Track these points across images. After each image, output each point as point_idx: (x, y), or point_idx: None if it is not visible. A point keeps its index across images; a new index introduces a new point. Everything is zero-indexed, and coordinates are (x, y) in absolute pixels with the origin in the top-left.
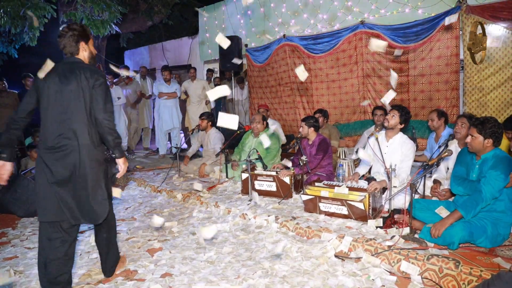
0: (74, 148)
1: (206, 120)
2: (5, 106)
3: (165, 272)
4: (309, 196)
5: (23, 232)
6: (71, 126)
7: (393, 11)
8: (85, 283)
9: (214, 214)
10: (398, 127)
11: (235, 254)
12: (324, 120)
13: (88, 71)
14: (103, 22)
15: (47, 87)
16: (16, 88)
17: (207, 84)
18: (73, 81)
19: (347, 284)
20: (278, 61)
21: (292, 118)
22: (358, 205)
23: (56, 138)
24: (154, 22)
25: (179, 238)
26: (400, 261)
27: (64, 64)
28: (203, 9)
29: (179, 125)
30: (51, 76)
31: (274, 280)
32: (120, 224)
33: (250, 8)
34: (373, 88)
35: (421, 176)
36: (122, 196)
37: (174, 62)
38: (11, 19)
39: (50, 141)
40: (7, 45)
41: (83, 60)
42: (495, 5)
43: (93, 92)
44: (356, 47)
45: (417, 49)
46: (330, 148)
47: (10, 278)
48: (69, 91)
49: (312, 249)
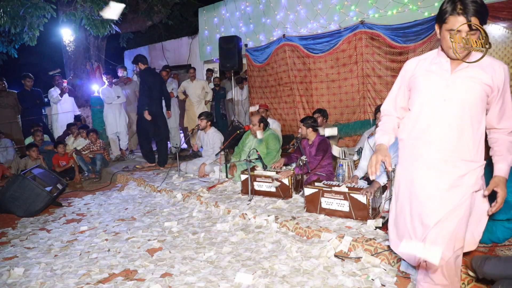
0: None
1: (205, 120)
2: (4, 106)
3: (165, 272)
4: (312, 189)
5: (23, 232)
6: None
7: (393, 11)
8: (85, 283)
9: (214, 214)
10: None
11: (235, 254)
12: (324, 120)
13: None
14: (103, 22)
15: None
16: (16, 88)
17: (206, 84)
18: None
19: (347, 284)
20: (278, 61)
21: (292, 118)
22: (360, 198)
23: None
24: (154, 22)
25: (179, 238)
26: (400, 261)
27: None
28: (203, 9)
29: (176, 125)
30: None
31: (274, 280)
32: (120, 224)
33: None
34: (373, 88)
35: None
36: (122, 196)
37: (174, 62)
38: (11, 19)
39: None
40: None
41: None
42: (495, 5)
43: None
44: (356, 47)
45: (417, 49)
46: (330, 148)
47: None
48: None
49: (312, 249)
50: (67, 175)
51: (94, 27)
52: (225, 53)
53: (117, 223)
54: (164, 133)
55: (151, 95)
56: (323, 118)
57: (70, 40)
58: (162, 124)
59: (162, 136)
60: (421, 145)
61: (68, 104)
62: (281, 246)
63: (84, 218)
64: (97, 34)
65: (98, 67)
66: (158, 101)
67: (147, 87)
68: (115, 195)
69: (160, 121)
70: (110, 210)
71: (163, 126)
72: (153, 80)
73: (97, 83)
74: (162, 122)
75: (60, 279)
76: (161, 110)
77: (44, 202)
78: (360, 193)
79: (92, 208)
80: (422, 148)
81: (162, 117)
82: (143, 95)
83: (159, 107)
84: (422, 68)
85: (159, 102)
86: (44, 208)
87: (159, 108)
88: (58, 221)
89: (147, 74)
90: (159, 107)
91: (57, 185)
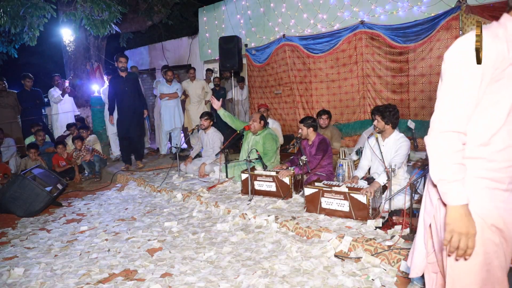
0: None
1: (208, 120)
2: (4, 106)
3: (165, 272)
4: (312, 189)
5: (23, 232)
6: None
7: (393, 11)
8: (85, 283)
9: (214, 214)
10: (386, 128)
11: (235, 254)
12: (330, 121)
13: None
14: (103, 22)
15: None
16: (15, 88)
17: (206, 84)
18: None
19: (347, 284)
20: (278, 61)
21: (292, 118)
22: (360, 198)
23: None
24: (154, 22)
25: (179, 238)
26: (400, 261)
27: None
28: (203, 9)
29: (180, 126)
30: None
31: (274, 280)
32: (120, 224)
33: (250, 8)
34: (373, 88)
35: (421, 176)
36: (122, 196)
37: (174, 62)
38: (11, 19)
39: None
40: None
41: None
42: (495, 5)
43: None
44: (356, 47)
45: (417, 49)
46: (330, 147)
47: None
48: None
49: (312, 249)
50: (67, 175)
51: (94, 27)
52: (225, 53)
53: (117, 223)
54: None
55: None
56: (330, 120)
57: (70, 40)
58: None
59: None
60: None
61: (68, 104)
62: (281, 246)
63: (84, 218)
64: (97, 34)
65: (98, 67)
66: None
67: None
68: (115, 195)
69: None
70: (110, 210)
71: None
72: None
73: (97, 83)
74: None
75: (60, 279)
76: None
77: (44, 202)
78: (360, 193)
79: (92, 208)
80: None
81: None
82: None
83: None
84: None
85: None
86: (44, 208)
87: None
88: (58, 221)
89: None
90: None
91: (57, 185)
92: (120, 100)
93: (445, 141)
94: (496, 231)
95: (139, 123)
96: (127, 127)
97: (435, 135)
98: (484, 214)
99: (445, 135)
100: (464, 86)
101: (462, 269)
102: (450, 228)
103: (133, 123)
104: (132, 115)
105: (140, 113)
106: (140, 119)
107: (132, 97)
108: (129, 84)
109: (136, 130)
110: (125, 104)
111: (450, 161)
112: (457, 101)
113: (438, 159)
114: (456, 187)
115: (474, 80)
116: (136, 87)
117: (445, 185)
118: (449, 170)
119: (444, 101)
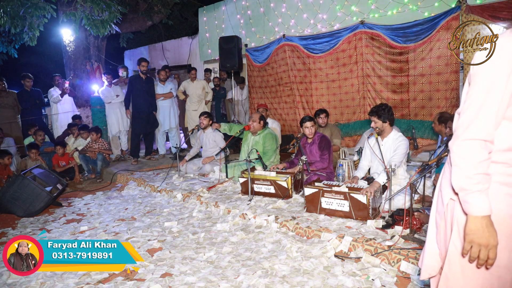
0: None
1: (208, 118)
2: (4, 106)
3: (165, 272)
4: (312, 189)
5: (23, 232)
6: None
7: (393, 11)
8: (85, 283)
9: (214, 214)
10: (385, 127)
11: (235, 254)
12: (327, 119)
13: None
14: (103, 22)
15: None
16: (15, 88)
17: (206, 84)
18: None
19: (347, 284)
20: (278, 61)
21: (292, 118)
22: (360, 198)
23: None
24: (154, 22)
25: (179, 238)
26: (400, 261)
27: None
28: (203, 9)
29: (175, 125)
30: None
31: (274, 280)
32: (120, 224)
33: (250, 8)
34: (373, 88)
35: (421, 176)
36: (122, 196)
37: (174, 62)
38: (11, 19)
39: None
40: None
41: None
42: (495, 5)
43: None
44: (356, 47)
45: (417, 49)
46: (331, 143)
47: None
48: None
49: (312, 249)
50: (67, 175)
51: (94, 27)
52: (225, 53)
53: (117, 223)
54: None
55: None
56: (328, 118)
57: (70, 40)
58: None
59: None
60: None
61: (68, 104)
62: (281, 246)
63: (84, 218)
64: (97, 34)
65: (98, 67)
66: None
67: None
68: (115, 195)
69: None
70: (110, 210)
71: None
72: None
73: (97, 83)
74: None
75: (60, 279)
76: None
77: (44, 202)
78: (360, 193)
79: (92, 208)
80: None
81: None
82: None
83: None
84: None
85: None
86: (44, 208)
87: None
88: (58, 221)
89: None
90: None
91: (57, 185)
92: (137, 98)
93: (470, 150)
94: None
95: (152, 120)
96: (144, 123)
97: (460, 143)
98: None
99: (471, 143)
100: (498, 91)
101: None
102: (470, 239)
103: (149, 120)
104: (147, 113)
105: (152, 112)
106: (153, 118)
107: (148, 97)
108: (147, 86)
109: (149, 127)
110: (142, 102)
111: (474, 171)
112: (487, 107)
113: (461, 167)
114: (478, 197)
115: (497, 82)
116: (151, 89)
117: (466, 195)
118: (472, 180)
119: (473, 106)
